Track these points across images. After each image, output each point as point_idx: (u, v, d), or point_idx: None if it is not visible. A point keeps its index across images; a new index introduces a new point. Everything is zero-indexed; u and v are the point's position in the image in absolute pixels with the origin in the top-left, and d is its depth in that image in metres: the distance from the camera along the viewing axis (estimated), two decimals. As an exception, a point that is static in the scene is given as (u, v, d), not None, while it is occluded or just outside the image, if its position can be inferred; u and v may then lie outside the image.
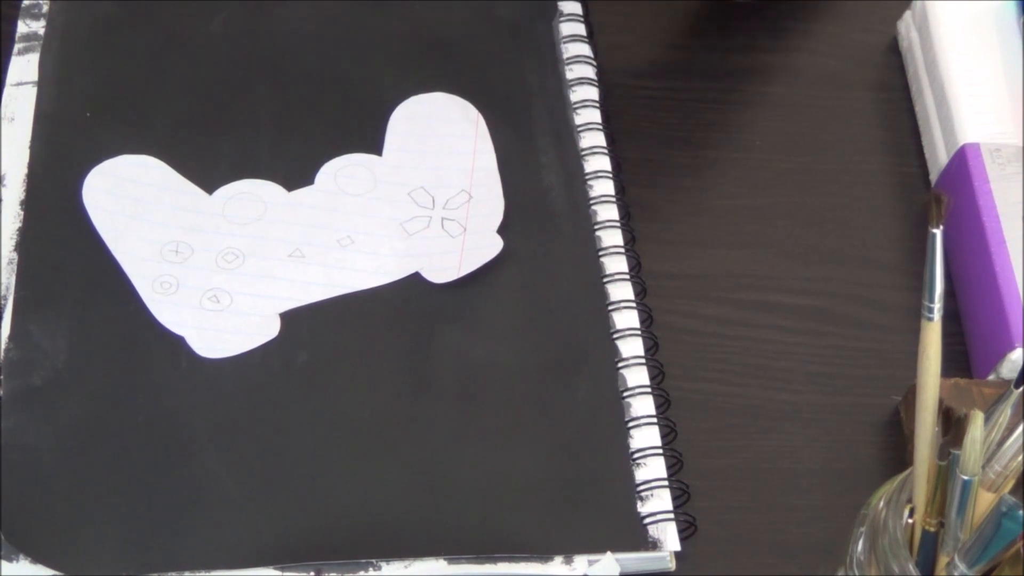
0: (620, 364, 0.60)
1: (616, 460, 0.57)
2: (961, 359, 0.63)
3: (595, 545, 0.55)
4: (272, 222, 0.63)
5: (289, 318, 0.60)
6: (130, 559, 0.53)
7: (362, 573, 0.54)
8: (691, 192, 0.68)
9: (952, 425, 0.43)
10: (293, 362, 0.59)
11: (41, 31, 0.69)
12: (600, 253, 0.63)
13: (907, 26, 0.74)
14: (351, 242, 0.63)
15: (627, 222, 0.64)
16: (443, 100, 0.68)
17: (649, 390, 0.59)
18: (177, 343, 0.59)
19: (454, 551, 0.54)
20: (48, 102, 0.66)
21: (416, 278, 0.62)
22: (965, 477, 0.43)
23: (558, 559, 0.54)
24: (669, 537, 0.55)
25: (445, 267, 0.62)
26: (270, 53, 0.69)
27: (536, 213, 0.64)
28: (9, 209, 0.62)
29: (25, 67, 0.67)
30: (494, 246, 0.62)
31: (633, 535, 0.55)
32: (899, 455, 0.60)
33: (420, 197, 0.64)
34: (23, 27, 0.69)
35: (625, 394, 0.59)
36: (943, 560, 0.45)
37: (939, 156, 0.68)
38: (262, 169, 0.65)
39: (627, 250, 0.64)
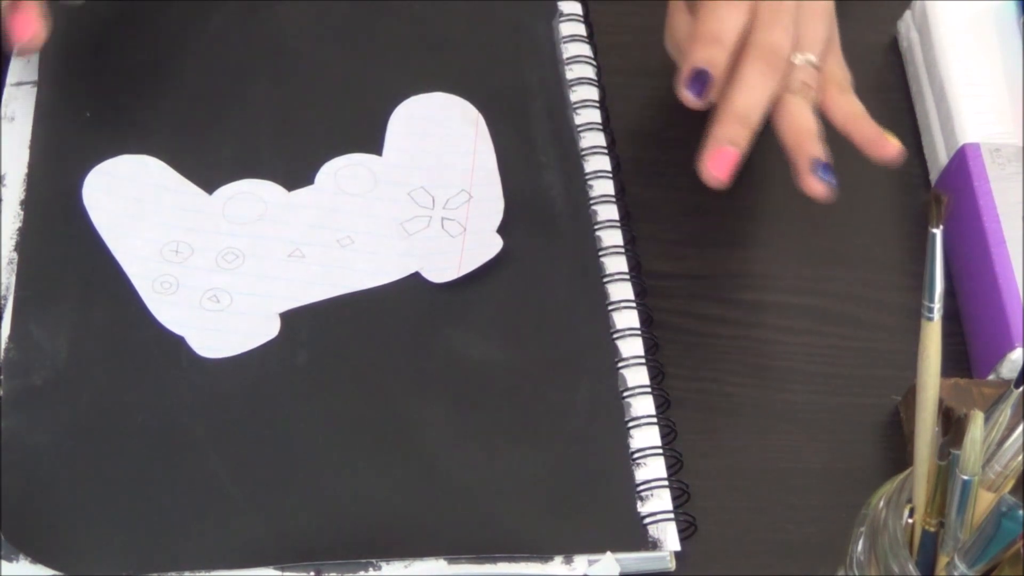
0: (620, 364, 0.60)
1: (616, 460, 0.57)
2: (961, 359, 0.63)
3: (595, 545, 0.55)
4: (272, 222, 0.63)
5: (289, 318, 0.60)
6: (130, 559, 0.53)
7: (362, 573, 0.54)
8: (691, 192, 0.68)
9: (952, 425, 0.43)
10: (293, 362, 0.59)
11: (41, 31, 0.69)
12: (600, 253, 0.63)
13: (907, 26, 0.74)
14: (351, 242, 0.63)
15: (627, 222, 0.64)
16: (443, 100, 0.68)
17: (649, 390, 0.59)
18: (177, 343, 0.59)
19: (454, 551, 0.54)
20: (48, 102, 0.66)
21: (416, 278, 0.62)
22: (965, 477, 0.43)
23: (558, 559, 0.54)
24: (669, 537, 0.55)
25: (445, 267, 0.62)
26: (270, 53, 0.69)
27: (536, 213, 0.64)
28: (9, 209, 0.62)
29: (25, 67, 0.67)
30: (494, 246, 0.62)
31: (633, 535, 0.55)
32: (899, 455, 0.60)
33: (420, 197, 0.64)
34: (23, 27, 0.69)
35: (625, 394, 0.59)
36: (943, 560, 0.45)
37: (939, 156, 0.68)
38: (262, 169, 0.65)
39: (627, 250, 0.63)
